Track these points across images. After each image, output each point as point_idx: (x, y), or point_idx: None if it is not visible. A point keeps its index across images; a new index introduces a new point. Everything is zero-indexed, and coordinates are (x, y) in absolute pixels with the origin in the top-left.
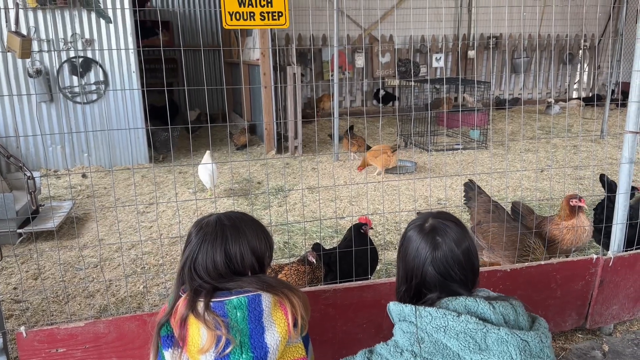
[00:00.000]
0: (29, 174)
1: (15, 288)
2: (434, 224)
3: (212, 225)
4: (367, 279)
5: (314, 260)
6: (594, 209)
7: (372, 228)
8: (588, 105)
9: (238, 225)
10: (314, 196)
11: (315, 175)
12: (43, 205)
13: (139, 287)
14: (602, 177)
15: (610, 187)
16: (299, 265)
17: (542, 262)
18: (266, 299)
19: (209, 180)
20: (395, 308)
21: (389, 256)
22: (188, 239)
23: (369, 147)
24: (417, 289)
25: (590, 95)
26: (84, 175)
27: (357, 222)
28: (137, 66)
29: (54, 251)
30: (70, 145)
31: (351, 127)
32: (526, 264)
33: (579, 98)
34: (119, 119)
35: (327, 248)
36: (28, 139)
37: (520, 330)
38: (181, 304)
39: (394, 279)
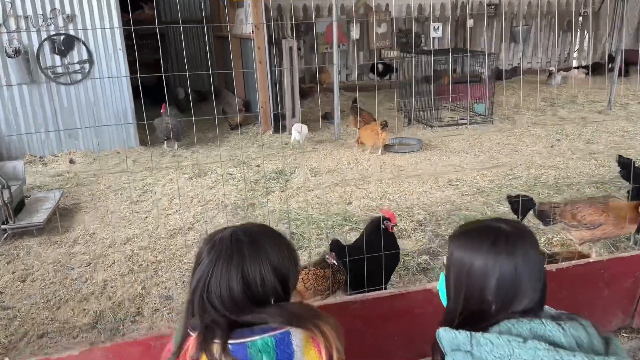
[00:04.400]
0: (3, 182)
1: (1, 292)
2: (497, 231)
3: (227, 242)
4: (384, 287)
5: (334, 262)
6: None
7: (396, 225)
8: (592, 75)
9: (257, 240)
10: (317, 180)
11: (317, 156)
12: (29, 197)
13: (136, 288)
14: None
15: None
16: (318, 269)
17: (591, 260)
18: (296, 337)
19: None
20: (446, 335)
21: (403, 246)
22: (198, 258)
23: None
24: (474, 310)
25: (592, 62)
26: (71, 161)
27: (377, 215)
28: (123, 43)
29: (43, 248)
30: (56, 129)
31: (354, 101)
32: (573, 262)
33: (579, 67)
34: (106, 100)
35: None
36: (10, 123)
37: (598, 356)
38: (192, 344)
39: (428, 286)
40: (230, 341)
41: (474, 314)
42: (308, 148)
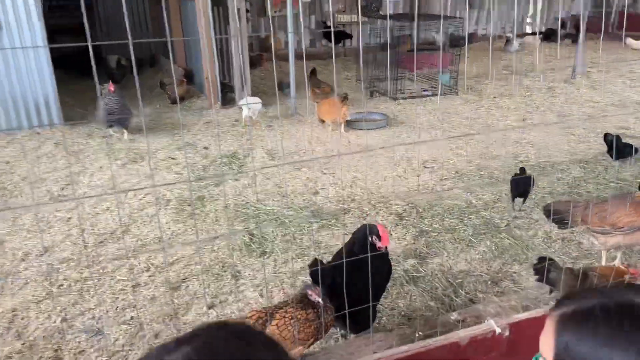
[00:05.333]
0: None
1: None
2: (621, 306)
3: None
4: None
5: (319, 300)
6: None
7: (385, 248)
8: (545, 41)
9: None
10: (276, 164)
11: (273, 135)
12: None
13: (55, 321)
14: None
15: None
16: (298, 309)
17: None
18: None
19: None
20: None
21: None
22: None
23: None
24: None
25: (546, 28)
26: None
27: (365, 223)
28: (39, 5)
29: None
30: None
31: (313, 71)
32: None
33: (535, 33)
34: (19, 72)
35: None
36: None
37: None
38: None
39: (452, 337)
40: None
41: None
42: (262, 126)
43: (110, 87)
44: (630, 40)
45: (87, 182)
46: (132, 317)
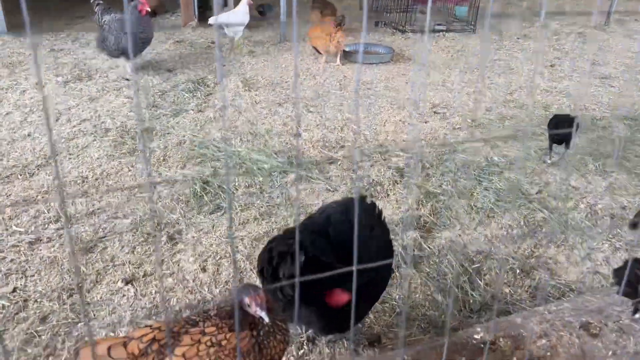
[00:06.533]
0: None
1: None
2: None
3: None
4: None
5: (261, 314)
6: None
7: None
8: None
9: None
10: (252, 97)
11: (254, 63)
12: None
13: None
14: None
15: None
16: (222, 329)
17: None
18: None
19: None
20: None
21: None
22: None
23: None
24: None
25: None
26: None
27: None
28: None
29: None
30: None
31: None
32: None
33: None
34: None
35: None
36: None
37: None
38: None
39: None
40: None
41: None
42: (243, 51)
43: (145, 5)
44: None
45: (14, 101)
46: (15, 289)
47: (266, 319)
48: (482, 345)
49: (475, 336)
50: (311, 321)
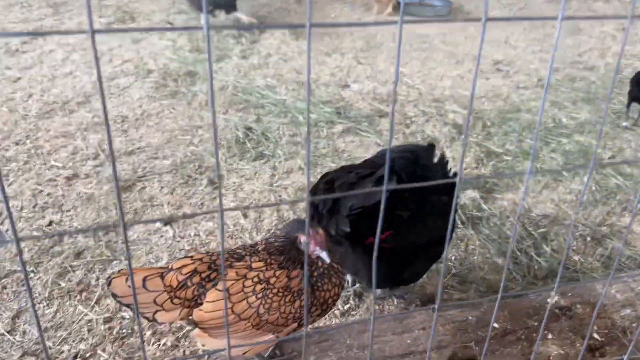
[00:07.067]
0: None
1: None
2: None
3: None
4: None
5: (319, 253)
6: None
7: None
8: None
9: None
10: (299, 46)
11: (303, 12)
12: None
13: None
14: None
15: None
16: (271, 266)
17: None
18: None
19: None
20: None
21: None
22: None
23: None
24: None
25: None
26: None
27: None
28: None
29: None
30: None
31: None
32: None
33: None
34: None
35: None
36: None
37: None
38: None
39: None
40: None
41: None
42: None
43: None
44: None
45: (58, 40)
46: (51, 222)
47: (327, 260)
48: (557, 311)
49: (549, 300)
50: (360, 270)
